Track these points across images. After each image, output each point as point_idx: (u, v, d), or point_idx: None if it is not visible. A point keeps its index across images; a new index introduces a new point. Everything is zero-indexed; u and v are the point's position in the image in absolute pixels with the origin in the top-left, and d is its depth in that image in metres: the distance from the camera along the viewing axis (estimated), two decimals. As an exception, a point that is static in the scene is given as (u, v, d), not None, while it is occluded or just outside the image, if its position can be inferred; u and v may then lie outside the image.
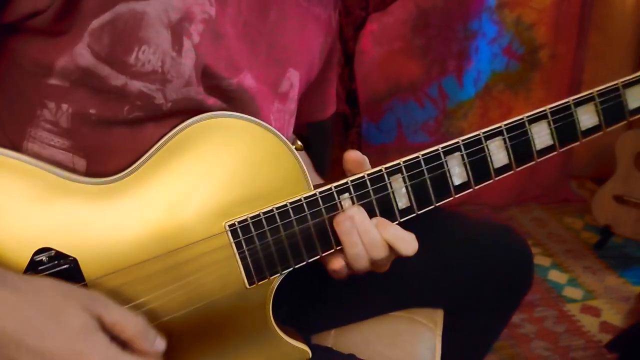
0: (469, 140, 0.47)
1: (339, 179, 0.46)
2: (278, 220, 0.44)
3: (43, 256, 0.39)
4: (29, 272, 0.39)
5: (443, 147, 0.46)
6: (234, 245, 0.43)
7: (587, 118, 0.49)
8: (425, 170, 0.46)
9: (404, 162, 0.46)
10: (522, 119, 0.48)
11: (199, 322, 0.44)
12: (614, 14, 1.83)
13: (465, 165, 0.47)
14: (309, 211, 0.44)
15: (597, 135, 0.50)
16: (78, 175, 0.41)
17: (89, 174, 0.42)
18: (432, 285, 0.65)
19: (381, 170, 0.45)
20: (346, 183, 0.45)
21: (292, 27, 0.50)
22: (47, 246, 0.39)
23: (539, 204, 1.88)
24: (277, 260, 0.44)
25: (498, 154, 0.47)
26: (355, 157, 0.46)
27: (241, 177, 0.43)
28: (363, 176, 0.45)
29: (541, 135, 0.48)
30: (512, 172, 0.48)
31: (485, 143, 0.47)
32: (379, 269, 0.47)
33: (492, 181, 0.48)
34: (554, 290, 1.45)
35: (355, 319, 0.65)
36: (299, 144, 0.55)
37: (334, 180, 0.46)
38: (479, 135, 0.47)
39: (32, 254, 0.39)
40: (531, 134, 0.48)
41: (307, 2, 0.52)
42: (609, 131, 0.50)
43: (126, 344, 0.37)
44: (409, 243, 0.45)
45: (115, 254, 0.41)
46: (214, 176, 0.43)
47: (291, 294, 0.54)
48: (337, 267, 0.46)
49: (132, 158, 0.42)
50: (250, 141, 0.43)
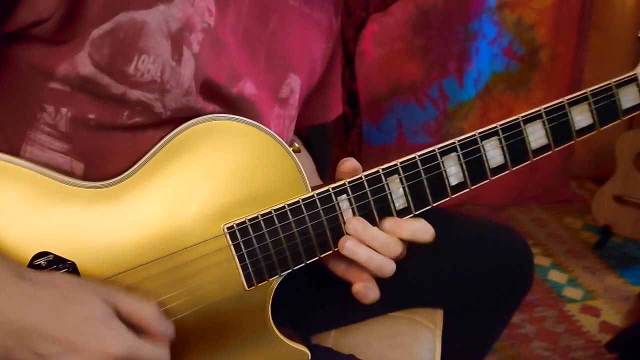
0: (465, 141, 0.47)
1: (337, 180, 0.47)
2: (276, 222, 0.44)
3: (41, 260, 0.39)
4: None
5: (439, 148, 0.46)
6: (232, 247, 0.43)
7: (581, 118, 0.49)
8: (422, 170, 0.46)
9: (400, 162, 0.46)
10: (517, 119, 0.48)
11: (199, 324, 0.44)
12: (613, 14, 1.83)
13: (461, 165, 0.47)
14: (307, 213, 0.44)
15: (591, 134, 0.50)
16: (76, 179, 0.41)
17: (87, 177, 0.42)
18: (432, 286, 0.65)
19: (378, 172, 0.46)
20: (344, 184, 0.45)
21: (293, 33, 0.50)
22: (45, 250, 0.39)
23: (539, 204, 1.88)
24: (275, 262, 0.45)
25: (494, 154, 0.47)
26: (350, 168, 0.46)
27: (239, 180, 0.43)
28: (360, 177, 0.45)
29: (536, 135, 0.48)
30: (508, 171, 0.48)
31: (481, 143, 0.47)
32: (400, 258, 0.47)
33: (488, 181, 0.48)
34: (554, 291, 1.45)
35: (355, 319, 0.65)
36: (296, 145, 0.55)
37: (334, 181, 0.46)
38: (474, 135, 0.47)
39: (30, 258, 0.39)
40: (526, 133, 0.48)
41: (309, 9, 0.51)
42: (604, 130, 0.51)
43: (140, 332, 0.37)
44: (426, 232, 0.46)
45: (113, 258, 0.41)
46: (212, 178, 0.43)
47: (290, 295, 0.54)
48: (356, 288, 0.46)
49: (130, 161, 0.42)
50: (248, 143, 0.43)
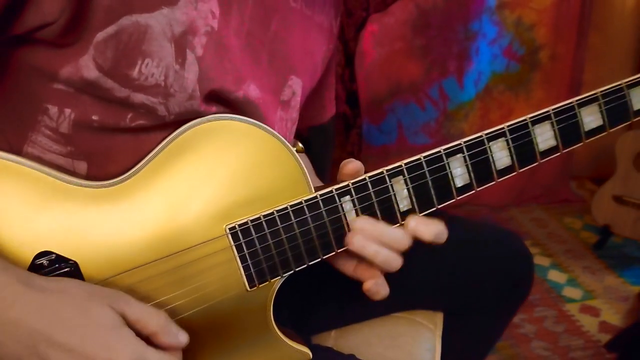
0: (472, 142, 0.46)
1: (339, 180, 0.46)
2: (279, 223, 0.44)
3: (44, 260, 0.39)
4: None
5: (445, 149, 0.46)
6: (234, 248, 0.43)
7: (591, 119, 0.49)
8: (427, 172, 0.46)
9: (405, 164, 0.45)
10: (525, 120, 0.47)
11: (201, 324, 0.44)
12: (613, 14, 1.83)
13: (467, 167, 0.46)
14: (309, 214, 0.44)
15: (601, 135, 0.49)
16: (78, 178, 0.40)
17: (90, 176, 0.42)
18: (432, 287, 0.65)
19: (382, 173, 0.45)
20: (347, 185, 0.45)
21: (294, 35, 0.49)
22: (47, 250, 0.39)
23: (539, 204, 1.89)
24: (278, 263, 0.44)
25: (501, 155, 0.47)
26: (352, 170, 0.45)
27: (242, 180, 0.43)
28: (364, 178, 0.45)
29: (544, 137, 0.48)
30: (515, 173, 0.48)
31: (488, 145, 0.46)
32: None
33: (494, 183, 0.48)
34: (554, 290, 1.45)
35: (356, 320, 0.65)
36: (300, 146, 0.55)
37: (335, 182, 0.46)
38: (481, 136, 0.46)
39: (32, 257, 0.39)
40: (534, 135, 0.47)
41: (310, 11, 0.51)
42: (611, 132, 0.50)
43: (149, 340, 0.37)
44: (444, 233, 0.46)
45: (116, 258, 0.41)
46: (215, 178, 0.42)
47: (292, 296, 0.53)
48: (367, 286, 0.46)
49: (133, 161, 0.42)
50: (250, 143, 0.43)
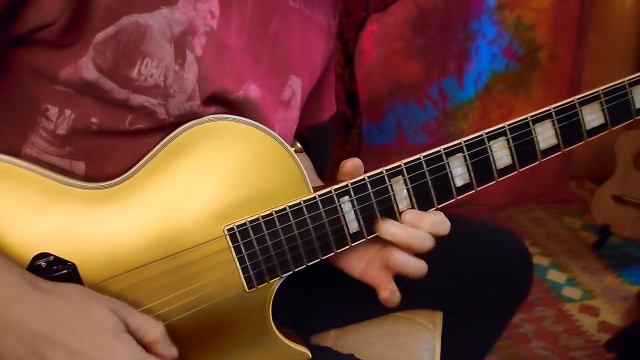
0: (472, 141, 0.46)
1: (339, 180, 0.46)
2: (277, 224, 0.43)
3: (42, 261, 0.39)
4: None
5: (445, 148, 0.45)
6: (232, 249, 0.43)
7: (592, 117, 0.48)
8: (426, 171, 0.46)
9: (405, 163, 0.45)
10: (526, 118, 0.47)
11: (199, 325, 0.44)
12: (613, 14, 1.83)
13: (467, 166, 0.46)
14: (308, 215, 0.44)
15: (602, 134, 0.49)
16: (76, 180, 0.40)
17: (88, 177, 0.42)
18: (432, 287, 0.65)
19: (382, 172, 0.45)
20: (346, 186, 0.45)
21: (293, 34, 0.49)
22: (45, 251, 0.39)
23: (539, 204, 1.89)
24: (276, 264, 0.44)
25: (501, 154, 0.47)
26: (351, 168, 0.45)
27: (240, 180, 0.43)
28: (363, 178, 0.45)
29: (545, 135, 0.47)
30: (516, 172, 0.48)
31: (488, 144, 0.46)
32: None
33: (495, 182, 0.47)
34: (553, 290, 1.45)
35: (355, 319, 0.65)
36: (298, 146, 0.55)
37: (334, 182, 0.46)
38: (481, 135, 0.46)
39: (31, 259, 0.39)
40: (535, 134, 0.47)
41: (309, 10, 0.51)
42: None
43: (147, 348, 0.37)
44: (444, 224, 0.46)
45: (114, 259, 0.40)
46: (213, 179, 0.42)
47: (291, 296, 0.53)
48: (384, 295, 0.47)
49: (132, 162, 0.42)
50: (249, 144, 0.43)
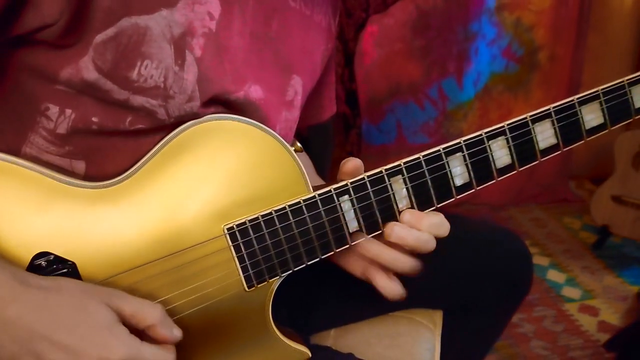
0: (471, 141, 0.46)
1: (339, 179, 0.46)
2: (277, 223, 0.43)
3: (42, 260, 0.39)
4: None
5: (444, 148, 0.46)
6: (232, 248, 0.43)
7: (592, 117, 0.48)
8: (426, 171, 0.46)
9: (404, 163, 0.45)
10: (526, 118, 0.47)
11: (199, 324, 0.44)
12: (612, 15, 1.84)
13: (467, 165, 0.46)
14: (308, 214, 0.44)
15: (602, 133, 0.49)
16: (76, 179, 0.40)
17: (88, 176, 0.42)
18: (432, 287, 0.65)
19: (381, 172, 0.45)
20: (346, 185, 0.45)
21: (294, 34, 0.49)
22: (45, 250, 0.39)
23: (538, 204, 1.89)
24: (276, 263, 0.44)
25: (501, 154, 0.47)
26: (351, 168, 0.45)
27: (240, 180, 0.43)
28: (363, 178, 0.45)
29: (545, 135, 0.47)
30: (515, 172, 0.48)
31: (488, 143, 0.46)
32: None
33: (494, 181, 0.47)
34: (553, 290, 1.45)
35: (355, 319, 0.65)
36: (298, 145, 0.55)
37: (334, 181, 0.46)
38: (481, 135, 0.46)
39: (31, 258, 0.39)
40: (534, 133, 0.47)
41: (309, 10, 0.51)
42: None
43: (144, 335, 0.38)
44: (444, 226, 0.46)
45: (114, 258, 0.40)
46: (213, 178, 0.42)
47: (291, 295, 0.53)
48: (391, 294, 0.48)
49: (132, 161, 0.42)
50: (249, 143, 0.43)
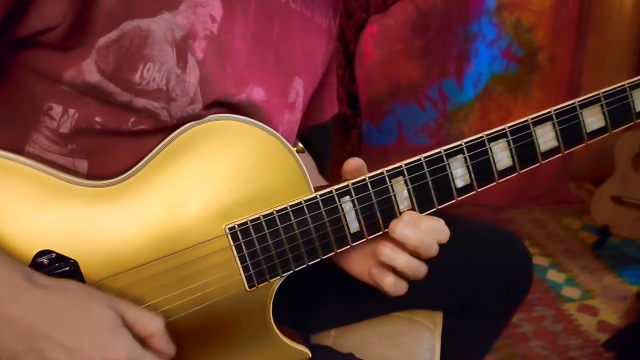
0: (472, 143, 0.46)
1: (339, 180, 0.46)
2: (278, 223, 0.44)
3: (44, 259, 0.39)
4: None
5: (445, 150, 0.46)
6: (233, 248, 0.43)
7: (593, 120, 0.48)
8: (427, 172, 0.46)
9: (405, 164, 0.45)
10: (527, 120, 0.47)
11: (200, 323, 0.44)
12: (612, 16, 1.84)
13: (468, 167, 0.46)
14: (309, 214, 0.44)
15: (603, 136, 0.49)
16: (79, 178, 0.40)
17: (91, 175, 0.42)
18: (432, 287, 0.65)
19: (382, 173, 0.45)
20: (347, 186, 0.45)
21: (295, 36, 0.50)
22: (47, 249, 0.39)
23: (538, 205, 1.89)
24: (277, 263, 0.44)
25: (502, 156, 0.47)
26: (352, 167, 0.45)
27: (242, 180, 0.43)
28: (364, 179, 0.45)
29: (546, 137, 0.47)
30: (516, 174, 0.48)
31: (489, 145, 0.46)
32: None
33: (495, 184, 0.47)
34: (552, 290, 1.45)
35: (355, 319, 0.65)
36: (300, 146, 0.55)
37: (334, 182, 0.46)
38: (482, 137, 0.46)
39: (33, 256, 0.39)
40: (535, 136, 0.47)
41: (310, 12, 0.51)
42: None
43: (144, 343, 0.38)
44: (443, 232, 0.46)
45: (116, 257, 0.41)
46: (215, 178, 0.43)
47: (291, 295, 0.53)
48: (398, 292, 0.47)
49: (134, 160, 0.42)
50: (251, 143, 0.43)
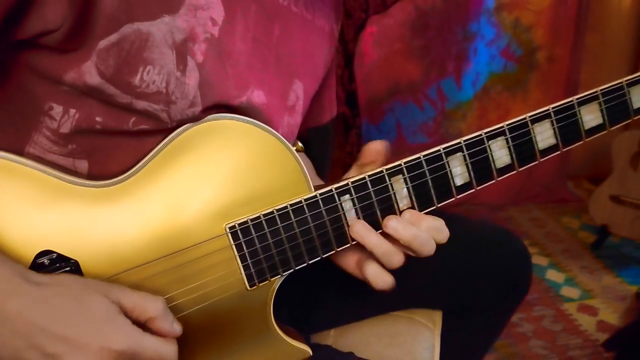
0: (471, 141, 0.46)
1: (339, 180, 0.46)
2: (278, 222, 0.44)
3: (44, 259, 0.39)
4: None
5: (445, 148, 0.46)
6: (234, 247, 0.43)
7: (591, 117, 0.48)
8: (426, 171, 0.46)
9: (405, 162, 0.45)
10: (525, 118, 0.47)
11: (200, 322, 0.44)
12: (610, 15, 1.85)
13: (467, 165, 0.46)
14: (309, 213, 0.44)
15: (601, 134, 0.49)
16: (79, 178, 0.41)
17: (91, 175, 0.42)
18: (432, 287, 0.65)
19: (382, 172, 0.45)
20: (347, 184, 0.45)
21: (296, 39, 0.50)
22: (48, 249, 0.39)
23: (537, 203, 1.89)
24: (277, 262, 0.44)
25: (500, 154, 0.47)
26: (376, 148, 0.45)
27: (242, 179, 0.43)
28: (364, 177, 0.45)
29: (544, 135, 0.47)
30: (515, 172, 0.48)
31: (488, 143, 0.46)
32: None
33: (494, 181, 0.48)
34: (552, 290, 1.45)
35: (355, 318, 0.65)
36: (299, 145, 0.55)
37: (334, 182, 0.46)
38: (481, 135, 0.46)
39: (34, 256, 0.39)
40: (534, 133, 0.47)
41: (311, 15, 0.51)
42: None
43: (146, 326, 0.38)
44: (443, 232, 0.46)
45: (116, 257, 0.41)
46: (215, 178, 0.43)
47: (292, 294, 0.53)
48: (380, 284, 0.46)
49: (134, 159, 0.42)
50: (250, 143, 0.43)
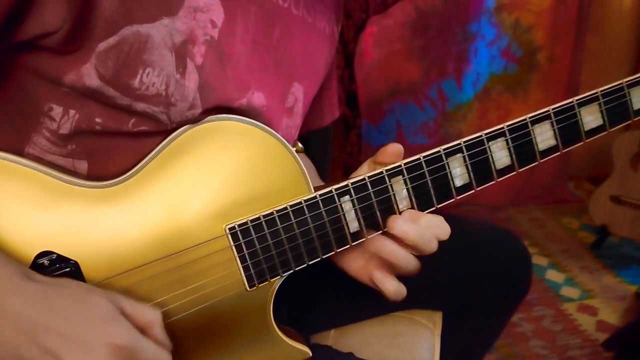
0: (471, 142, 0.46)
1: (339, 180, 0.46)
2: (278, 223, 0.44)
3: (44, 260, 0.39)
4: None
5: (444, 149, 0.46)
6: (234, 248, 0.43)
7: (591, 118, 0.48)
8: (426, 172, 0.46)
9: (405, 163, 0.45)
10: (525, 119, 0.47)
11: (201, 323, 0.44)
12: (611, 16, 1.84)
13: (467, 166, 0.46)
14: (309, 214, 0.44)
15: (601, 135, 0.49)
16: (79, 179, 0.41)
17: (91, 175, 0.42)
18: (432, 287, 0.65)
19: (382, 173, 0.45)
20: (347, 185, 0.45)
21: (296, 41, 0.49)
22: (48, 250, 0.39)
23: (537, 204, 1.89)
24: (277, 262, 0.44)
25: (500, 155, 0.47)
26: (396, 150, 0.46)
27: (242, 180, 0.43)
28: (364, 178, 0.45)
29: (544, 136, 0.47)
30: (515, 173, 0.48)
31: (488, 144, 0.46)
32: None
33: (494, 182, 0.48)
34: (552, 290, 1.46)
35: (355, 319, 0.65)
36: (299, 146, 0.55)
37: (334, 182, 0.46)
38: (481, 136, 0.46)
39: (34, 257, 0.39)
40: (534, 134, 0.47)
41: (312, 17, 0.51)
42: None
43: (142, 333, 0.38)
44: (443, 229, 0.46)
45: (116, 258, 0.41)
46: (215, 179, 0.43)
47: (291, 295, 0.54)
48: (397, 296, 0.47)
49: (134, 160, 0.42)
50: (250, 144, 0.43)
